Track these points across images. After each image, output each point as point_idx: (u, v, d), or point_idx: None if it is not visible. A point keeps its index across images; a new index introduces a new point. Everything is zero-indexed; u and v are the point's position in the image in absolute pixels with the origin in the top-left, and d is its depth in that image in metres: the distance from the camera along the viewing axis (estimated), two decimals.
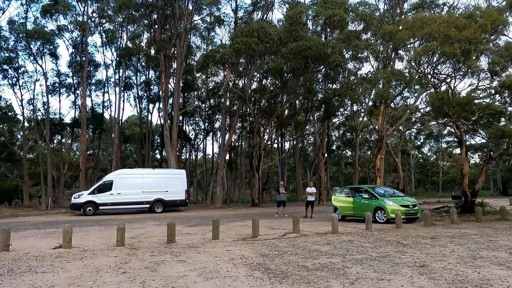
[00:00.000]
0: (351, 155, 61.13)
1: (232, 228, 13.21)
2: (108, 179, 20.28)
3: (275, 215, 17.82)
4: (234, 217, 17.64)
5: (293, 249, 8.24)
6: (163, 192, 20.92)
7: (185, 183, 21.67)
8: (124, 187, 20.02)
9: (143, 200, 20.41)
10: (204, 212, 21.18)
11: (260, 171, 26.59)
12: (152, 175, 21.06)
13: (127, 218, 17.57)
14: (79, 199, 19.37)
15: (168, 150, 23.48)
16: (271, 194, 47.97)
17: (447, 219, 14.60)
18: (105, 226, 14.34)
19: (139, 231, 12.56)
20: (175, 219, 17.18)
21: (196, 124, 43.29)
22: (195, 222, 15.35)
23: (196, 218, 17.59)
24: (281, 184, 18.00)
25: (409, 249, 8.07)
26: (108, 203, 19.68)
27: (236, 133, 43.04)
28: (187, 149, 43.49)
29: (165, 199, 20.90)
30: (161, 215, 19.21)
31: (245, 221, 15.70)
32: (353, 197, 15.06)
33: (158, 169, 22.36)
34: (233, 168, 41.32)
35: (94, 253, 8.19)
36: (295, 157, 38.66)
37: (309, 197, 17.10)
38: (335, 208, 16.02)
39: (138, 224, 14.84)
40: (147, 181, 20.67)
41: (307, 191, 17.16)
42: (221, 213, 20.82)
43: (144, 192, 20.45)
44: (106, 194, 19.74)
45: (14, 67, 34.11)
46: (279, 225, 13.96)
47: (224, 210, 22.82)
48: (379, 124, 27.41)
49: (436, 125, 52.01)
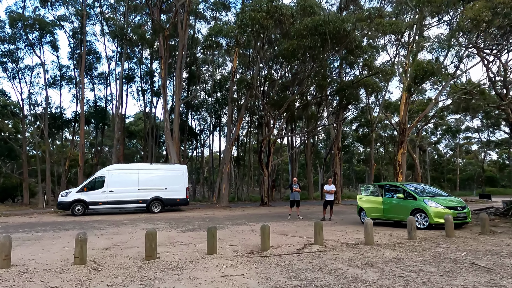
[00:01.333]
0: (363, 151, 57.92)
1: (236, 234, 10.50)
2: (99, 175, 17.76)
3: (287, 217, 15.07)
4: (240, 219, 14.93)
5: (321, 275, 5.47)
6: (162, 190, 18.34)
7: (186, 180, 19.04)
8: (117, 184, 17.49)
9: (139, 198, 17.85)
10: (207, 212, 18.53)
11: (270, 167, 23.84)
12: (149, 170, 18.47)
13: (118, 220, 15.00)
14: (66, 198, 16.89)
15: (169, 144, 20.89)
16: (280, 192, 45.16)
17: (502, 225, 11.63)
18: (86, 230, 11.76)
19: (121, 238, 9.92)
20: (171, 221, 14.62)
21: (203, 119, 40.69)
22: (193, 226, 12.67)
23: (197, 219, 14.93)
24: (294, 181, 15.22)
25: (499, 277, 5.23)
26: (100, 202, 17.16)
27: (243, 127, 40.36)
28: (193, 145, 40.93)
29: (164, 198, 18.31)
30: (158, 216, 16.61)
31: (252, 224, 12.98)
32: (383, 196, 12.19)
33: (156, 164, 19.83)
34: (241, 164, 38.62)
35: (31, 279, 5.55)
36: (306, 152, 35.76)
37: (328, 196, 14.30)
38: (359, 209, 13.17)
39: (125, 228, 12.22)
40: (143, 177, 18.10)
41: (326, 189, 14.35)
42: (226, 213, 18.14)
43: (140, 190, 17.89)
44: (97, 191, 17.23)
45: (13, 59, 32.03)
46: (293, 231, 11.19)
47: (230, 210, 20.14)
48: (400, 116, 24.37)
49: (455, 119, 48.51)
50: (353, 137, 48.69)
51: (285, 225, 12.69)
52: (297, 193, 15.04)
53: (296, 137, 43.08)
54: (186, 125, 33.58)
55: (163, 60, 20.31)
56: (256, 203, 28.88)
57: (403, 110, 24.28)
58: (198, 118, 40.32)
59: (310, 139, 36.60)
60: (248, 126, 40.29)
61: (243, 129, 41.27)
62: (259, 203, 25.65)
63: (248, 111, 32.60)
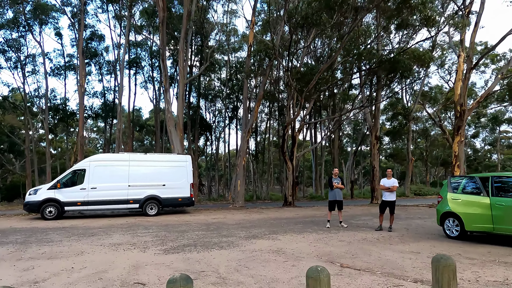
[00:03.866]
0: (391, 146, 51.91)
1: (250, 261, 5.88)
2: (78, 167, 13.52)
3: (324, 224, 10.32)
4: (258, 227, 10.29)
5: None
6: (159, 187, 13.96)
7: (190, 174, 14.58)
8: (102, 179, 13.23)
9: (129, 197, 13.53)
10: (217, 215, 14.01)
11: (295, 160, 19.09)
12: (142, 162, 14.09)
13: (92, 227, 10.68)
14: (34, 196, 12.75)
15: (171, 130, 16.55)
16: (303, 190, 40.22)
17: None
18: (25, 245, 7.42)
19: (58, 266, 5.50)
20: (162, 230, 9.96)
21: (218, 111, 36.25)
22: (187, 240, 8.13)
23: (198, 227, 10.40)
24: (335, 174, 10.43)
25: None
26: (78, 202, 12.92)
27: (262, 119, 35.68)
28: (208, 139, 36.57)
29: (162, 197, 13.92)
30: (150, 221, 12.22)
31: (277, 237, 8.33)
32: (491, 195, 7.25)
33: (152, 154, 15.53)
34: (259, 160, 33.96)
35: None
36: (334, 145, 30.74)
37: (386, 195, 9.47)
38: (442, 214, 8.25)
39: (84, 244, 7.82)
40: (135, 170, 13.76)
41: (383, 185, 9.52)
42: (241, 216, 13.56)
43: (131, 187, 13.57)
44: (75, 189, 13.02)
45: (16, 47, 28.70)
46: (347, 253, 6.48)
47: (246, 212, 15.55)
48: (456, 96, 19.09)
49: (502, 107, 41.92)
50: (381, 130, 42.95)
51: (328, 240, 7.97)
52: (339, 191, 10.28)
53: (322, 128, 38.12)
54: (198, 114, 29.21)
55: (161, 22, 15.90)
56: (277, 203, 24.19)
57: (460, 88, 19.02)
58: (212, 110, 35.97)
59: (337, 131, 31.54)
60: (268, 118, 35.59)
61: (262, 121, 36.62)
62: (281, 203, 20.99)
63: (267, 98, 27.90)
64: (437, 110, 34.18)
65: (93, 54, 30.45)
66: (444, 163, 57.31)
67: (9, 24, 27.32)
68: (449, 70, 34.68)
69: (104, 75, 33.71)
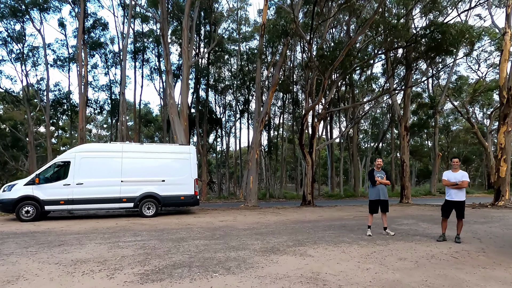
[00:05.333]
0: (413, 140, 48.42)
1: None
2: (62, 159, 11.28)
3: (366, 232, 7.74)
4: (277, 234, 7.81)
5: None
6: (157, 183, 11.64)
7: (194, 168, 12.19)
8: (89, 173, 10.98)
9: (122, 195, 11.23)
10: (226, 217, 11.60)
11: (314, 153, 16.54)
12: (138, 154, 11.76)
13: (70, 231, 8.41)
14: (9, 194, 10.56)
15: (173, 119, 14.19)
16: (318, 189, 37.52)
17: None
18: None
19: None
20: (153, 238, 7.26)
21: (229, 105, 33.84)
22: (180, 257, 5.71)
23: (199, 234, 8.00)
24: (377, 165, 7.84)
25: None
26: (61, 201, 10.69)
27: (275, 114, 33.13)
28: (218, 135, 34.24)
29: (160, 194, 11.57)
30: (147, 223, 9.91)
31: (305, 251, 5.81)
32: None
33: (150, 144, 13.18)
34: (273, 155, 31.42)
35: None
36: (353, 139, 28.01)
37: (452, 194, 6.87)
38: None
39: (39, 258, 5.51)
40: (130, 163, 11.45)
41: (447, 180, 6.92)
42: (254, 219, 11.11)
43: (125, 183, 11.27)
44: (58, 184, 10.78)
45: (16, 38, 26.94)
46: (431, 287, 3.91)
47: (260, 213, 13.09)
48: (501, 79, 16.21)
49: None
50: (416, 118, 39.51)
51: (382, 258, 5.43)
52: (384, 188, 7.72)
53: (338, 123, 35.43)
54: (207, 106, 26.88)
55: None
56: (293, 202, 21.68)
57: (506, 70, 16.16)
58: (223, 103, 33.61)
59: (355, 125, 28.76)
60: (281, 112, 33.02)
61: (275, 116, 34.06)
62: (297, 202, 18.50)
63: (281, 88, 25.37)
64: (465, 102, 31.00)
65: (96, 44, 28.43)
66: (466, 160, 53.65)
67: (8, 11, 25.51)
68: (478, 59, 31.47)
69: (110, 68, 31.76)
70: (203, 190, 24.51)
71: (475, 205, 15.74)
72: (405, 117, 18.18)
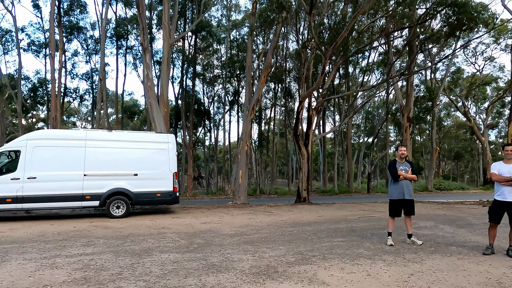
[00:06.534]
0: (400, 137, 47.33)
1: None
2: (10, 147, 9.22)
3: (386, 240, 5.95)
4: (271, 243, 5.99)
5: None
6: (129, 177, 9.69)
7: (173, 160, 10.27)
8: (44, 166, 8.98)
9: (85, 191, 9.24)
10: (210, 218, 9.76)
11: (310, 145, 14.79)
12: (106, 142, 9.76)
13: (14, 236, 6.45)
14: None
15: (151, 103, 12.18)
16: (310, 184, 35.88)
17: None
18: None
19: None
20: (110, 248, 5.53)
21: (218, 96, 31.80)
22: (132, 285, 3.81)
23: (172, 244, 6.14)
24: (400, 154, 6.07)
25: None
26: (8, 199, 8.66)
27: (267, 106, 31.29)
28: (206, 127, 32.22)
29: (133, 191, 9.63)
30: (112, 226, 8.01)
31: (314, 273, 3.96)
32: None
33: (121, 131, 11.14)
34: (264, 148, 29.64)
35: None
36: (348, 134, 26.42)
37: (505, 193, 5.09)
38: None
39: None
40: (95, 154, 9.45)
41: (497, 174, 5.17)
42: (243, 220, 9.29)
43: (89, 177, 9.28)
44: (3, 179, 8.75)
45: None
46: None
47: (250, 212, 11.28)
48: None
49: None
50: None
51: (429, 286, 3.65)
52: (409, 185, 5.97)
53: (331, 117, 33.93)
54: (193, 95, 24.86)
55: None
56: (285, 198, 19.95)
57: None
58: (211, 95, 31.55)
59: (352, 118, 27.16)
60: (272, 105, 31.19)
61: (267, 108, 32.20)
62: (289, 199, 16.78)
63: (273, 78, 23.52)
64: (462, 95, 29.72)
65: (74, 28, 26.00)
66: (458, 156, 52.90)
67: None
68: (475, 51, 30.18)
69: (91, 55, 29.32)
70: (189, 185, 22.58)
71: (484, 202, 14.23)
72: (407, 107, 16.56)
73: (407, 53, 16.57)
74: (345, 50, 11.87)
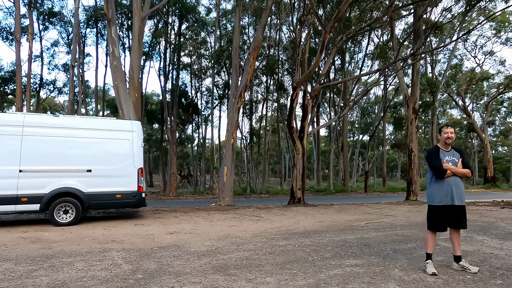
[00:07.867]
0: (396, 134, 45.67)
1: None
2: None
3: (425, 267, 3.93)
4: (251, 269, 3.96)
5: None
6: (80, 174, 7.59)
7: (138, 152, 8.19)
8: None
9: (21, 192, 7.12)
10: (182, 226, 7.72)
11: (305, 139, 12.82)
12: (50, 130, 7.64)
13: None
14: None
15: (119, 86, 10.04)
16: None
17: None
18: None
19: None
20: (15, 282, 3.48)
21: (208, 91, 29.64)
22: None
23: (98, 280, 4.05)
24: (446, 139, 4.08)
25: None
26: None
27: (258, 100, 29.22)
28: (194, 122, 30.08)
29: (85, 191, 7.54)
30: (47, 238, 5.95)
31: None
32: None
33: (71, 116, 9.05)
34: (254, 144, 27.62)
35: None
36: (344, 130, 24.58)
37: None
38: None
39: None
40: (35, 144, 7.35)
41: None
42: (222, 228, 7.27)
43: (26, 173, 7.16)
44: None
45: None
46: None
47: (234, 216, 9.26)
48: None
49: None
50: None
51: None
52: (459, 183, 3.97)
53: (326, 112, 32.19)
54: (177, 85, 22.71)
55: None
56: (277, 198, 17.99)
57: None
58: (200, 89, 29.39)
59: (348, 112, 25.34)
60: (264, 99, 29.16)
61: (258, 102, 30.14)
62: (285, 199, 14.76)
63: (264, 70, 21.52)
64: (461, 91, 28.13)
65: (50, 14, 23.60)
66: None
67: None
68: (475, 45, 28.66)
69: (71, 45, 26.90)
70: (172, 184, 20.48)
71: (503, 203, 12.45)
72: (413, 97, 14.71)
73: (411, 39, 14.75)
74: (346, 26, 9.95)
